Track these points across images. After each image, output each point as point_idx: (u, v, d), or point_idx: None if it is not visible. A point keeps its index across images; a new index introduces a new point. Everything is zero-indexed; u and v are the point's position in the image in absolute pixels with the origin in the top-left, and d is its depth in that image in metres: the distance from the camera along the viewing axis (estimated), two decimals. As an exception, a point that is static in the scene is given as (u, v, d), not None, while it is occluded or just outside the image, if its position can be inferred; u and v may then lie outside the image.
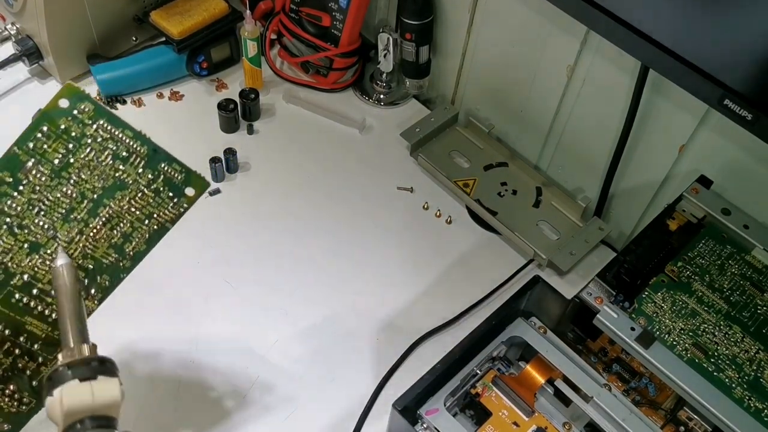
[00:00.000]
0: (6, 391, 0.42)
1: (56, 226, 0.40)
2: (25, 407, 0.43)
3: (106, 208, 0.41)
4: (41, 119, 0.37)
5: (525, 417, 0.60)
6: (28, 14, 0.83)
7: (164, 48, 0.89)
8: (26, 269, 0.40)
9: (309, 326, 0.71)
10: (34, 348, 0.42)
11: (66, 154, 0.39)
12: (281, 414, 0.65)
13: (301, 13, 0.89)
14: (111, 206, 0.41)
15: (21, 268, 0.40)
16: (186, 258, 0.75)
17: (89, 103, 0.38)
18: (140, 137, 0.40)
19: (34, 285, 0.41)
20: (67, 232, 0.40)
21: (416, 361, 0.69)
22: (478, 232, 0.81)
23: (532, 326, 0.64)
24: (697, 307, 0.58)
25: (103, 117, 0.38)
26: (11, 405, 0.43)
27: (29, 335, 0.41)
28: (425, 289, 0.75)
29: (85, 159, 0.39)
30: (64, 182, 0.39)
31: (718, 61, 0.51)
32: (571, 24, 0.69)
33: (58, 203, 0.39)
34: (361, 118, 0.89)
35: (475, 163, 0.84)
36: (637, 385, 0.61)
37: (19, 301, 0.41)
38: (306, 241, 0.78)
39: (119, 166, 0.40)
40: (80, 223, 0.40)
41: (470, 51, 0.85)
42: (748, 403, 0.53)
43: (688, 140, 0.68)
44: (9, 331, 0.41)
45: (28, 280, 0.40)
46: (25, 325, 0.41)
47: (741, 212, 0.64)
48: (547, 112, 0.79)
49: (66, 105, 0.38)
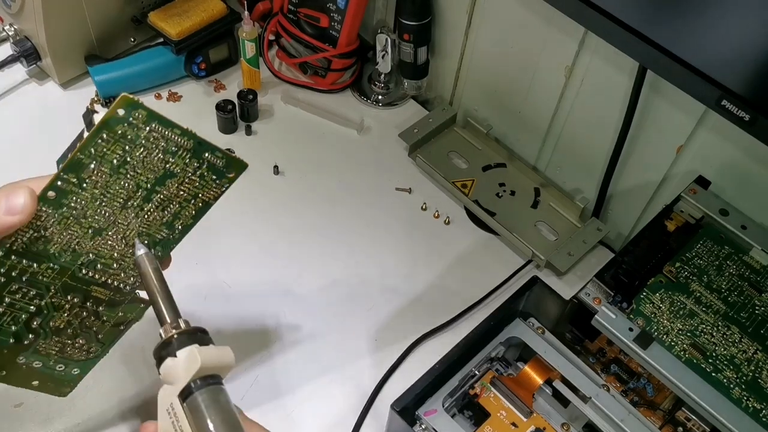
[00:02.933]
0: (76, 344, 0.51)
1: (116, 213, 0.46)
2: (93, 354, 0.52)
3: (158, 194, 0.47)
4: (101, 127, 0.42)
5: (523, 418, 0.60)
6: (26, 15, 0.83)
7: (162, 49, 0.89)
8: (91, 249, 0.47)
9: (307, 326, 0.71)
10: (99, 309, 0.50)
11: (123, 155, 0.44)
12: (280, 414, 0.65)
13: (299, 14, 0.89)
14: (163, 192, 0.47)
15: (86, 249, 0.46)
16: (185, 258, 0.75)
17: (142, 109, 0.43)
18: (187, 133, 0.45)
19: (98, 261, 0.47)
20: (125, 217, 0.46)
21: (415, 362, 0.69)
22: (477, 233, 0.81)
23: (530, 327, 0.64)
24: (695, 307, 0.58)
25: (154, 120, 0.44)
26: (80, 354, 0.52)
27: (95, 300, 0.49)
28: (423, 290, 0.75)
29: (139, 157, 0.44)
30: (122, 178, 0.45)
31: (716, 61, 0.51)
32: (569, 25, 0.69)
33: (117, 195, 0.45)
34: (359, 118, 0.89)
35: (474, 163, 0.84)
36: (636, 385, 0.61)
37: (86, 274, 0.47)
38: (304, 241, 0.78)
39: (169, 158, 0.45)
40: (136, 209, 0.46)
41: (468, 52, 0.85)
42: (746, 404, 0.53)
43: (686, 141, 0.68)
44: (78, 299, 0.48)
45: (93, 258, 0.47)
46: (91, 292, 0.49)
47: (739, 213, 0.64)
48: (546, 113, 0.79)
49: (122, 113, 0.43)
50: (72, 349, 0.51)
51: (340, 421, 0.65)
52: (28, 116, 0.86)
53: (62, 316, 0.49)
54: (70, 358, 0.51)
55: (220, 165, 0.48)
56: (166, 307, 0.46)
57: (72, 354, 0.51)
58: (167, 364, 0.43)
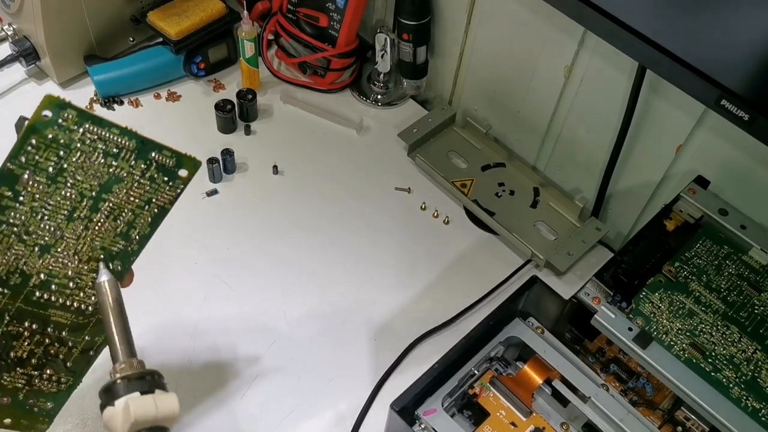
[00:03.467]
0: (43, 375, 0.46)
1: (61, 226, 0.42)
2: (64, 385, 0.48)
3: (107, 203, 0.43)
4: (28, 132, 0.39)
5: (523, 417, 0.60)
6: (25, 15, 0.83)
7: (161, 48, 0.89)
8: (41, 269, 0.43)
9: (306, 327, 0.71)
10: (63, 335, 0.46)
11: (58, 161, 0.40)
12: (279, 414, 0.65)
13: (298, 14, 0.89)
14: (111, 200, 0.43)
15: (36, 269, 0.43)
16: (184, 258, 0.75)
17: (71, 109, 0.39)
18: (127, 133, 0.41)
19: (51, 281, 0.44)
20: (73, 230, 0.43)
21: (414, 362, 0.69)
22: (476, 233, 0.81)
23: (529, 327, 0.64)
24: (695, 307, 0.58)
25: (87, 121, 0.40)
26: (51, 386, 0.47)
27: (56, 325, 0.45)
28: (423, 290, 0.75)
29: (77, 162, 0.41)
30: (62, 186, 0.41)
31: (715, 61, 0.51)
32: (568, 24, 0.69)
33: (60, 206, 0.42)
34: (358, 118, 0.89)
35: (473, 163, 0.84)
36: (635, 385, 0.61)
37: (40, 297, 0.44)
38: (303, 241, 0.78)
39: (111, 162, 0.42)
40: (84, 220, 0.42)
41: (468, 51, 0.85)
42: (745, 403, 0.53)
43: (686, 140, 0.68)
44: (36, 325, 0.44)
45: (45, 279, 0.43)
46: (50, 317, 0.45)
47: (738, 212, 0.64)
48: (545, 113, 0.79)
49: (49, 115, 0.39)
50: (41, 381, 0.47)
51: (340, 421, 0.65)
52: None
53: (23, 345, 0.44)
54: (40, 392, 0.47)
55: (171, 165, 0.44)
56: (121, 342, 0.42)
57: (41, 386, 0.47)
58: (107, 414, 0.41)
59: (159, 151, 0.43)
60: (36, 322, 0.44)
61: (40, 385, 0.47)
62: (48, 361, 0.46)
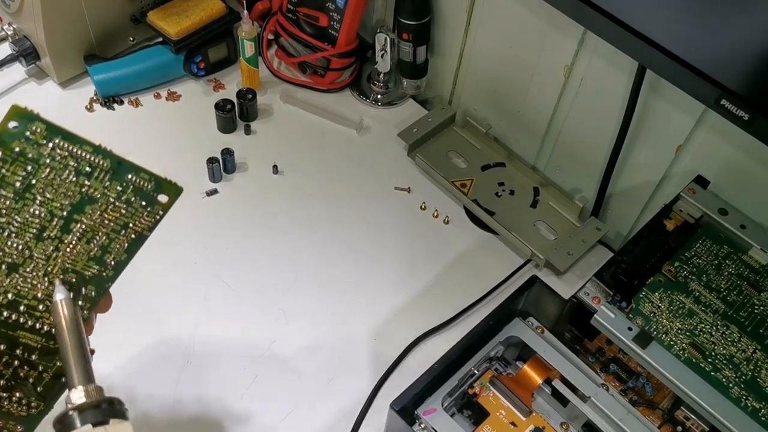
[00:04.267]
0: (13, 398, 0.44)
1: (30, 245, 0.41)
2: (35, 410, 0.45)
3: (78, 224, 0.41)
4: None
5: (522, 417, 0.60)
6: (25, 15, 0.83)
7: (161, 48, 0.89)
8: (9, 288, 0.41)
9: (306, 326, 0.71)
10: (32, 358, 0.44)
11: (26, 176, 0.38)
12: (279, 414, 0.65)
13: (298, 14, 0.89)
14: (83, 221, 0.41)
15: (3, 288, 0.41)
16: (183, 258, 0.75)
17: (39, 123, 0.37)
18: (101, 151, 0.39)
19: (20, 302, 0.42)
20: (43, 250, 0.41)
21: (414, 362, 0.69)
22: (476, 232, 0.81)
23: (529, 326, 0.64)
24: (695, 306, 0.58)
25: (57, 135, 0.38)
26: (21, 410, 0.45)
27: (25, 347, 0.43)
28: (423, 289, 0.75)
29: (47, 178, 0.39)
30: (30, 203, 0.39)
31: (715, 61, 0.51)
32: (568, 24, 0.69)
33: (28, 224, 0.40)
34: (358, 118, 0.89)
35: (473, 163, 0.84)
36: (635, 384, 0.61)
37: (8, 318, 0.42)
38: (303, 241, 0.78)
39: (84, 181, 0.40)
40: (54, 240, 0.41)
41: (467, 51, 0.85)
42: (745, 403, 0.53)
43: (685, 140, 0.68)
44: (4, 346, 0.42)
45: (13, 299, 0.41)
46: (18, 338, 0.43)
47: (738, 212, 0.64)
48: (545, 113, 0.79)
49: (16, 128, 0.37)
50: (9, 404, 0.45)
51: (339, 421, 0.65)
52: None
53: None
54: (9, 414, 0.45)
55: (149, 188, 0.42)
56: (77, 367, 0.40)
57: (11, 408, 0.45)
58: None
59: (137, 173, 0.41)
60: (3, 343, 0.42)
61: (9, 407, 0.45)
62: (18, 384, 0.44)
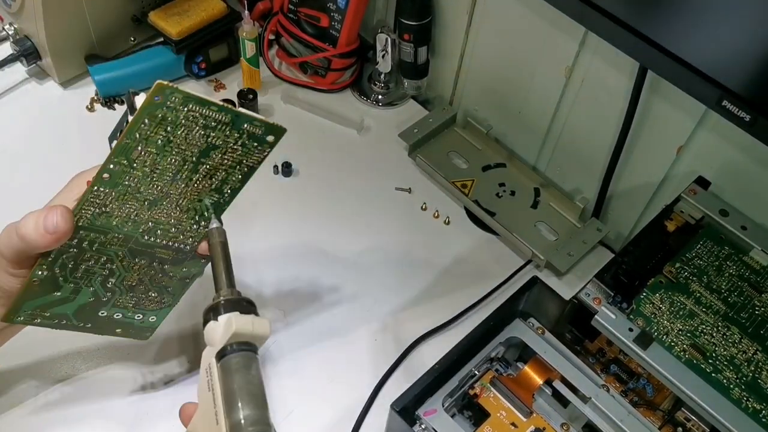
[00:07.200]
0: (149, 296, 0.57)
1: (167, 186, 0.50)
2: (166, 304, 0.59)
3: (204, 165, 0.50)
4: (142, 114, 0.46)
5: (523, 418, 0.60)
6: (27, 14, 0.83)
7: (162, 48, 0.89)
8: (149, 219, 0.52)
9: (307, 327, 0.71)
10: (165, 267, 0.56)
11: (166, 135, 0.48)
12: (279, 414, 0.65)
13: (299, 14, 0.89)
14: (208, 163, 0.50)
15: (145, 219, 0.52)
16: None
17: (178, 93, 0.46)
18: (224, 109, 0.48)
19: (157, 227, 0.53)
20: (176, 188, 0.51)
21: (414, 362, 0.69)
22: (476, 233, 0.81)
23: (530, 327, 0.64)
24: (695, 308, 0.58)
25: (191, 101, 0.47)
26: (155, 305, 0.59)
27: (160, 260, 0.55)
28: (423, 290, 0.75)
29: (182, 135, 0.48)
30: (168, 155, 0.49)
31: (716, 62, 0.51)
32: (569, 25, 0.69)
33: (166, 170, 0.49)
34: (359, 118, 0.89)
35: (474, 163, 0.84)
36: (635, 385, 0.61)
37: (149, 240, 0.53)
38: (304, 241, 0.78)
39: (210, 133, 0.49)
40: (185, 180, 0.51)
41: (468, 52, 0.85)
42: (746, 404, 0.53)
43: (686, 141, 0.68)
44: (144, 261, 0.54)
45: (152, 226, 0.52)
46: (156, 254, 0.55)
47: (739, 213, 0.64)
48: (546, 113, 0.79)
49: (159, 100, 0.46)
50: (146, 301, 0.58)
51: (340, 421, 0.65)
52: (28, 115, 0.86)
53: (133, 276, 0.55)
54: (146, 309, 0.59)
55: (260, 133, 0.51)
56: (225, 275, 0.51)
57: (147, 305, 0.58)
58: (209, 327, 0.47)
59: (251, 122, 0.50)
60: (144, 259, 0.54)
61: (146, 304, 0.58)
62: (153, 287, 0.57)
